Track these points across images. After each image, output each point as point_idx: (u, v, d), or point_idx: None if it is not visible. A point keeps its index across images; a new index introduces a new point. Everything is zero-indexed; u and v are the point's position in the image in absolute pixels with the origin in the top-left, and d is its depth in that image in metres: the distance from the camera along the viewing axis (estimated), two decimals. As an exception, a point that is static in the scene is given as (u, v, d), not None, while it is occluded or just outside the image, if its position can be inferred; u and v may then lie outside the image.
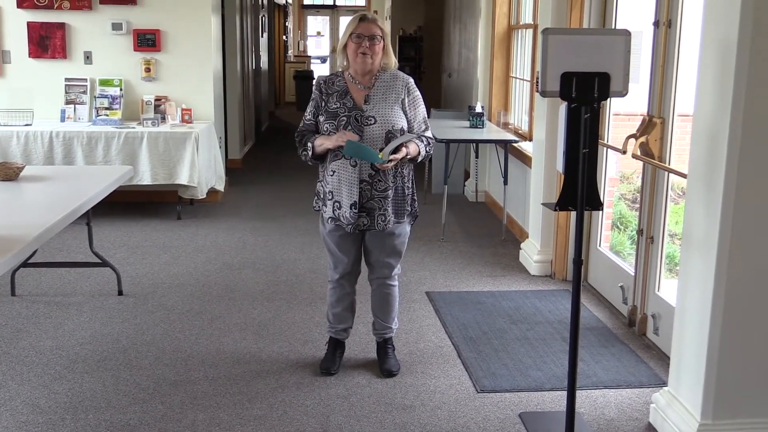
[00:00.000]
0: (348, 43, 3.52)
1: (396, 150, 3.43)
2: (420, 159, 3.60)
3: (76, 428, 3.25)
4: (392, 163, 3.44)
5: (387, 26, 3.57)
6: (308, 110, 3.66)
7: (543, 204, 4.07)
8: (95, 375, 3.74)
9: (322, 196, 3.68)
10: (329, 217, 3.63)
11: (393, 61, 3.61)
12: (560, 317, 4.57)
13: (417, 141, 3.55)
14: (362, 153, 3.42)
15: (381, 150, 3.44)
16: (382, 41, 3.51)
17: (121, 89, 7.05)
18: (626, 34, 2.93)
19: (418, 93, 3.66)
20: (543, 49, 2.89)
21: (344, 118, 3.51)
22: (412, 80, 3.67)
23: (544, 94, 2.94)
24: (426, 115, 3.71)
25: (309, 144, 3.55)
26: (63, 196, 3.96)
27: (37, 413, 3.37)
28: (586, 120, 2.90)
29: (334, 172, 3.56)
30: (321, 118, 3.58)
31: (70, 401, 3.48)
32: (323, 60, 23.52)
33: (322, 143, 3.51)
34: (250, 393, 3.59)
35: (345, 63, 3.59)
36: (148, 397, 3.53)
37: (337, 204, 3.58)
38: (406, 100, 3.60)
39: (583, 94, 2.88)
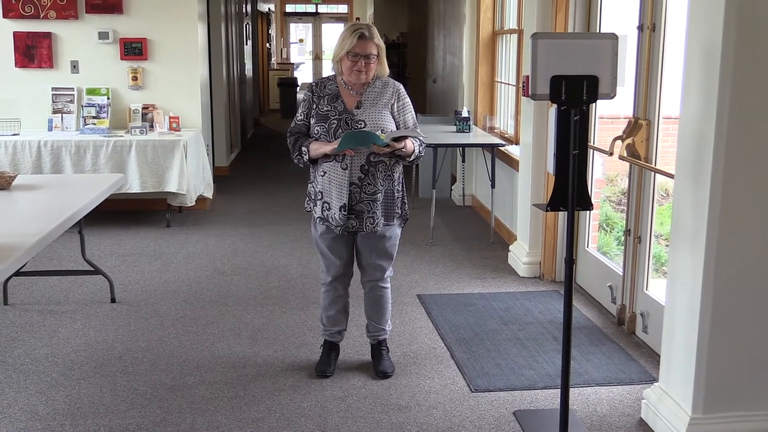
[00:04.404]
0: (343, 58, 3.55)
1: (397, 140, 3.48)
2: (411, 159, 3.64)
3: (75, 434, 3.27)
4: (390, 149, 3.48)
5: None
6: (300, 111, 3.69)
7: (534, 205, 4.13)
8: (92, 381, 3.76)
9: (312, 197, 3.71)
10: (318, 218, 3.67)
11: (386, 70, 3.66)
12: (550, 317, 4.63)
13: (414, 140, 3.60)
14: (359, 139, 3.44)
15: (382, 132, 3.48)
16: (377, 58, 3.56)
17: (108, 98, 7.06)
18: (614, 37, 3.00)
19: (408, 100, 3.72)
20: (532, 54, 2.95)
21: (335, 122, 3.56)
22: (402, 87, 3.72)
23: (534, 97, 3.00)
24: (416, 121, 3.76)
25: (304, 149, 3.59)
26: (57, 205, 3.98)
27: (36, 420, 3.38)
28: (576, 122, 2.96)
29: (325, 173, 3.60)
30: (312, 121, 3.62)
31: (68, 407, 3.50)
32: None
33: (319, 148, 3.55)
34: (247, 396, 3.62)
35: (339, 70, 3.63)
36: (146, 402, 3.55)
37: (326, 205, 3.62)
38: (396, 106, 3.65)
39: (573, 97, 2.94)
